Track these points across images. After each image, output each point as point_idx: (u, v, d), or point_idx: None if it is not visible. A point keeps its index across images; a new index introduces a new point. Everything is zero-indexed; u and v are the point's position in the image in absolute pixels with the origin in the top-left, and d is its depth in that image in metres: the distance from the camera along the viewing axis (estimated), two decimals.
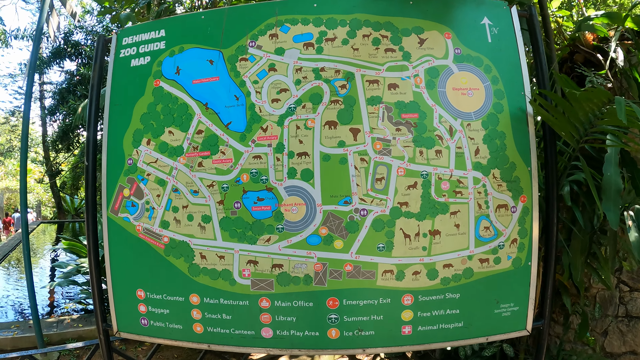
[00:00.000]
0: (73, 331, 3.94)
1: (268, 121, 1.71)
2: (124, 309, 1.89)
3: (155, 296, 1.80)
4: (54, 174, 15.67)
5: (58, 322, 4.19)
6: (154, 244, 1.79)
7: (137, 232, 1.82)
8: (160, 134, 1.79)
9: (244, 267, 1.71)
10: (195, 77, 1.78)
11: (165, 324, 1.82)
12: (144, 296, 1.83)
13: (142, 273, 1.83)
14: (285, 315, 1.72)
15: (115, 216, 1.86)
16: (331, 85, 1.71)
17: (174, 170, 1.77)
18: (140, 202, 1.81)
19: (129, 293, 1.85)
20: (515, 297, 1.79)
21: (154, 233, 1.78)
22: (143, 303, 1.83)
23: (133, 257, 1.84)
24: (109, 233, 1.86)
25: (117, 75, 1.89)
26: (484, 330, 1.78)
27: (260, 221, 1.69)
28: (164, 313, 1.81)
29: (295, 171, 1.67)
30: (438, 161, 1.70)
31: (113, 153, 1.86)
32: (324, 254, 1.68)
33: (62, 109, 12.12)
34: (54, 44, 12.80)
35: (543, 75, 1.94)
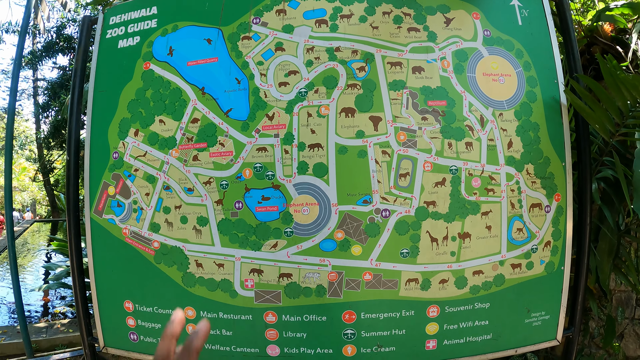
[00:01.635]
0: (63, 337, 3.52)
1: (275, 108, 1.35)
2: (111, 322, 1.52)
3: (145, 309, 1.44)
4: (47, 172, 14.68)
5: (48, 327, 3.78)
6: (143, 250, 1.42)
7: (124, 236, 1.44)
8: (150, 124, 1.42)
9: (246, 277, 1.35)
10: (190, 58, 1.43)
11: (157, 339, 1.44)
12: (132, 308, 1.46)
13: (130, 283, 1.46)
14: (294, 331, 1.38)
15: (99, 217, 1.49)
16: (348, 67, 1.38)
17: (165, 164, 1.40)
18: (127, 201, 1.44)
19: (116, 305, 1.48)
20: (547, 305, 1.52)
21: (143, 237, 1.41)
22: (132, 316, 1.47)
23: (120, 264, 1.47)
24: (93, 236, 1.49)
25: (103, 58, 1.52)
26: (513, 341, 1.49)
27: (265, 224, 1.33)
28: (155, 327, 1.45)
29: (306, 166, 1.32)
30: (468, 155, 1.39)
31: (97, 146, 1.49)
32: (339, 262, 1.34)
33: (54, 104, 11.23)
34: (45, 37, 11.79)
35: (575, 62, 1.64)
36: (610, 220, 1.90)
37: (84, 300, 1.55)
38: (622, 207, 1.98)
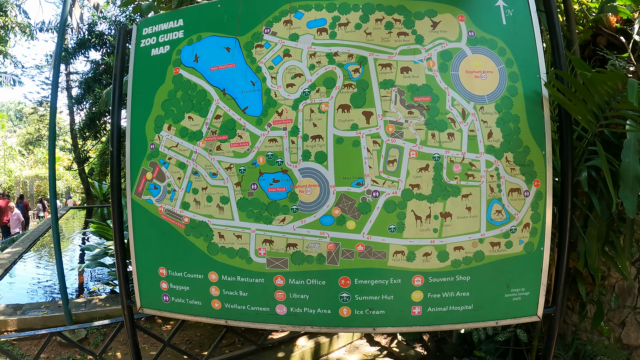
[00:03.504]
0: (100, 310, 4.19)
1: (283, 105, 1.81)
2: (147, 286, 2.05)
3: (176, 274, 1.96)
4: (82, 161, 17.00)
5: (86, 302, 4.46)
6: (175, 224, 1.94)
7: (160, 213, 1.97)
8: (181, 120, 1.93)
9: (260, 246, 1.83)
10: (213, 64, 1.90)
11: (186, 300, 1.98)
12: (166, 274, 1.99)
13: (164, 252, 1.99)
14: (299, 293, 1.84)
15: (138, 198, 2.02)
16: (344, 70, 1.79)
17: (193, 153, 1.91)
18: (162, 184, 1.96)
19: (152, 271, 2.02)
20: (527, 282, 1.84)
21: (175, 214, 1.93)
22: (165, 280, 1.99)
23: (156, 237, 2.00)
24: (133, 214, 2.03)
25: (139, 65, 2.04)
26: (494, 314, 1.84)
27: (275, 202, 1.81)
28: (184, 290, 1.97)
29: (309, 153, 1.78)
30: (450, 144, 1.77)
31: (136, 139, 2.02)
32: (336, 234, 1.78)
33: (89, 97, 13.16)
34: (78, 35, 13.70)
35: (560, 57, 1.94)
36: (597, 208, 2.24)
37: (124, 269, 2.09)
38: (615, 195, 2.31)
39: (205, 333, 3.94)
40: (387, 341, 3.96)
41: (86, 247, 5.53)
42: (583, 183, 2.13)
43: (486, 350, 2.87)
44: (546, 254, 1.84)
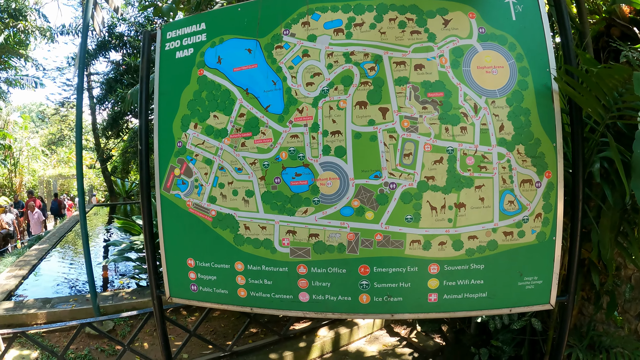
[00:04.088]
0: (127, 303, 4.49)
1: (303, 103, 1.98)
2: (176, 276, 2.24)
3: (204, 264, 2.15)
4: (105, 160, 17.99)
5: (113, 295, 4.78)
6: (203, 217, 2.13)
7: (188, 207, 2.16)
8: (206, 118, 2.12)
9: (283, 237, 2.01)
10: (235, 65, 2.08)
11: (213, 289, 2.16)
12: (194, 264, 2.18)
13: (192, 244, 2.17)
14: (320, 281, 2.01)
15: (167, 193, 2.21)
16: (361, 68, 1.95)
17: (219, 150, 2.09)
18: (190, 180, 2.15)
19: (180, 262, 2.21)
20: (539, 270, 1.96)
21: (203, 207, 2.12)
22: (193, 271, 2.18)
23: (184, 229, 2.19)
24: (162, 209, 2.22)
25: (164, 67, 2.22)
26: (507, 301, 1.97)
27: (298, 194, 1.98)
28: (211, 279, 2.15)
29: (329, 148, 1.94)
30: (463, 137, 1.91)
31: (164, 137, 2.21)
32: (356, 225, 1.95)
33: (111, 97, 13.92)
34: (99, 37, 14.53)
35: (569, 52, 2.05)
36: (609, 199, 2.36)
37: (153, 261, 2.28)
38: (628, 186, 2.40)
39: (229, 324, 4.22)
40: (406, 332, 4.15)
41: (112, 243, 5.93)
42: (595, 174, 2.22)
43: (503, 340, 3.02)
44: (558, 243, 1.95)
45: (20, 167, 22.62)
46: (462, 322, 3.78)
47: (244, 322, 3.63)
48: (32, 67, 19.23)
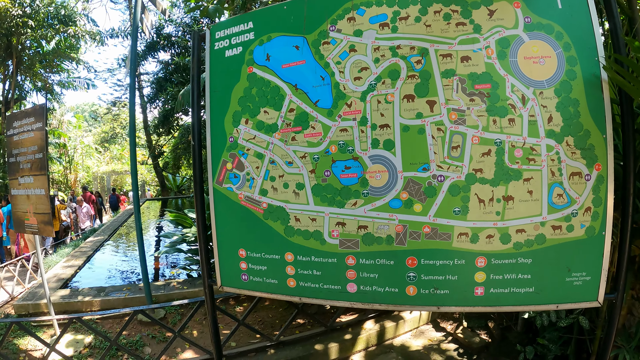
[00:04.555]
0: (178, 292, 4.86)
1: (352, 97, 2.08)
2: (227, 266, 2.40)
3: (255, 254, 2.29)
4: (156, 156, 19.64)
5: (165, 285, 5.16)
6: (254, 210, 2.27)
7: (240, 200, 2.31)
8: (257, 114, 2.25)
9: (333, 228, 2.12)
10: (284, 62, 2.20)
11: (263, 279, 2.30)
12: (245, 255, 2.32)
13: (244, 235, 2.32)
14: (368, 272, 2.11)
15: (220, 187, 2.37)
16: (407, 62, 2.03)
17: (270, 144, 2.23)
18: (242, 173, 2.30)
19: (232, 253, 2.36)
20: (588, 266, 1.96)
21: (254, 200, 2.26)
22: (244, 261, 2.33)
23: (236, 221, 2.34)
24: (215, 201, 2.38)
25: (214, 66, 2.37)
26: (554, 297, 2.00)
27: (347, 187, 2.09)
28: (262, 269, 2.30)
29: (378, 141, 2.04)
30: (511, 129, 1.95)
31: (216, 133, 2.36)
32: (404, 217, 2.04)
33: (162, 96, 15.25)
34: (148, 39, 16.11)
35: (618, 39, 2.02)
36: None
37: (206, 251, 2.44)
38: None
39: (277, 315, 4.46)
40: (452, 327, 4.24)
41: (164, 235, 6.48)
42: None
43: (549, 338, 3.05)
44: (607, 238, 1.95)
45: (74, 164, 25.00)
46: (509, 319, 3.83)
47: (291, 313, 3.84)
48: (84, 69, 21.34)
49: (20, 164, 3.96)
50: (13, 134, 4.06)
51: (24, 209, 4.05)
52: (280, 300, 2.68)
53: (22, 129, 3.92)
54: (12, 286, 6.12)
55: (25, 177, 3.91)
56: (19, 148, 3.98)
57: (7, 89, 17.04)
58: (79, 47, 17.73)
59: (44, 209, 3.78)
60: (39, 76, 18.19)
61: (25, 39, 15.81)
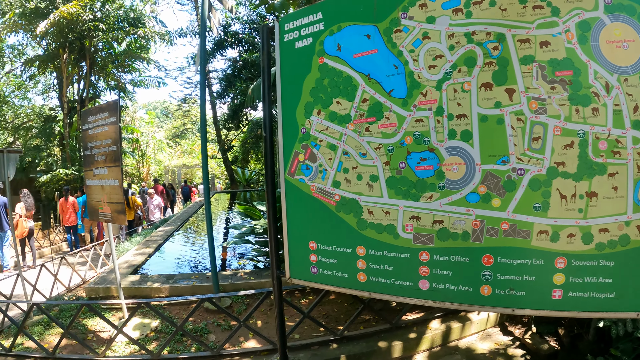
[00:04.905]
0: (245, 283, 6.23)
1: (427, 86, 2.75)
2: (297, 258, 3.24)
3: (326, 247, 3.09)
4: (226, 150, 26.31)
5: (232, 275, 6.63)
6: (326, 202, 3.07)
7: (311, 192, 3.13)
8: (329, 105, 3.03)
9: (407, 222, 2.84)
10: (355, 51, 2.94)
11: (333, 272, 3.10)
12: (316, 247, 3.14)
13: (315, 227, 3.14)
14: (442, 269, 2.78)
15: (291, 178, 3.20)
16: (483, 48, 2.51)
17: (343, 135, 3.00)
18: (314, 165, 3.11)
19: (302, 245, 3.19)
20: None
21: (327, 192, 3.06)
22: (314, 253, 3.15)
23: (307, 213, 3.16)
24: (286, 193, 3.22)
25: (284, 58, 3.19)
26: (635, 304, 2.33)
27: (423, 180, 2.78)
28: (332, 262, 3.09)
29: (455, 132, 2.68)
30: (595, 119, 2.34)
31: (288, 124, 3.19)
32: (481, 212, 2.60)
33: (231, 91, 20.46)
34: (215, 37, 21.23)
35: None
36: None
37: (276, 242, 3.28)
38: None
39: (342, 309, 5.54)
40: (520, 332, 4.96)
41: (233, 226, 8.21)
42: None
43: (623, 350, 3.56)
44: None
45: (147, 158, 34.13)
46: (581, 327, 4.38)
47: (356, 308, 4.81)
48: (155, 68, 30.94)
49: (95, 156, 5.39)
50: (88, 128, 5.52)
51: (98, 198, 5.51)
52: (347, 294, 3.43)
53: (96, 124, 5.32)
54: (85, 271, 9.01)
55: (100, 169, 5.30)
56: (94, 141, 5.41)
57: (82, 89, 23.85)
58: (149, 47, 24.22)
59: (117, 198, 5.13)
60: (111, 76, 25.13)
61: (97, 42, 21.92)
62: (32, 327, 6.16)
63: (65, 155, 23.65)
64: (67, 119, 23.24)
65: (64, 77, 22.99)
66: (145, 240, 10.90)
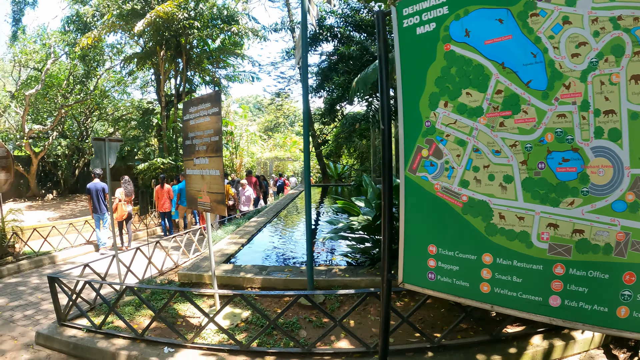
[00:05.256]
0: (339, 280, 6.45)
1: (570, 78, 2.58)
2: (413, 262, 3.15)
3: (447, 252, 2.99)
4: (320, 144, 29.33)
5: (326, 270, 6.88)
6: (452, 202, 2.95)
7: (435, 191, 3.02)
8: (458, 96, 2.91)
9: (543, 230, 2.68)
10: (486, 37, 2.80)
11: (453, 280, 2.98)
12: (435, 251, 3.03)
13: (436, 230, 3.03)
14: (577, 285, 2.61)
15: (413, 175, 3.11)
16: (632, 35, 2.35)
17: (474, 130, 2.87)
18: (440, 161, 3.00)
19: (420, 248, 3.10)
20: None
21: (453, 192, 2.95)
22: (433, 258, 3.05)
23: (428, 213, 3.06)
24: (406, 191, 3.14)
25: (404, 45, 3.10)
26: None
27: (564, 183, 2.62)
28: (452, 269, 2.98)
29: (602, 130, 2.51)
30: None
31: (409, 116, 3.10)
32: (628, 223, 2.45)
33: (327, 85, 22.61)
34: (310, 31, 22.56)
35: None
36: None
37: (389, 242, 3.21)
38: None
39: (438, 314, 5.56)
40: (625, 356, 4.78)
41: (329, 221, 8.57)
42: None
43: None
44: None
45: (240, 150, 38.61)
46: None
47: (453, 315, 4.93)
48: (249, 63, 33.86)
49: (196, 146, 5.75)
50: (189, 118, 5.91)
51: (197, 187, 5.88)
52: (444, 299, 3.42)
53: (198, 114, 5.69)
54: (178, 255, 10.11)
55: (201, 159, 5.62)
56: (195, 131, 5.77)
57: (178, 83, 27.07)
58: (242, 43, 27.32)
59: (217, 188, 5.47)
60: (207, 71, 28.55)
61: (192, 39, 25.05)
62: (123, 307, 6.69)
63: (162, 145, 26.95)
64: (165, 111, 26.30)
65: (162, 72, 26.01)
66: (238, 229, 11.97)
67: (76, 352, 5.69)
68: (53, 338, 5.98)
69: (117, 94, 36.49)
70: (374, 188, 7.40)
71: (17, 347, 6.11)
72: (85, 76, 32.05)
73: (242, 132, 40.04)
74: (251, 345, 5.09)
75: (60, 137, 33.10)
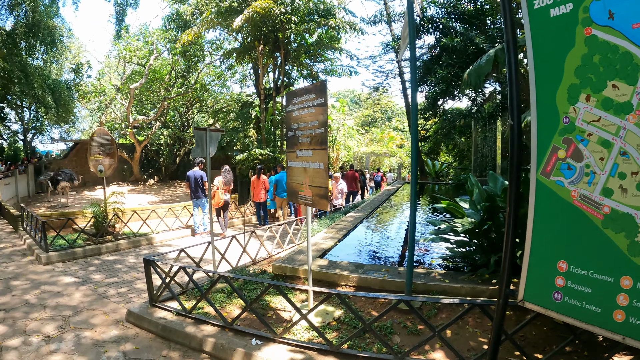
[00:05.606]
0: (439, 285, 6.07)
1: None
2: (538, 278, 2.82)
3: (580, 271, 2.63)
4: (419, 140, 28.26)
5: (425, 274, 6.57)
6: (591, 213, 2.59)
7: (572, 198, 2.66)
8: (602, 89, 2.53)
9: None
10: (634, 20, 2.40)
11: (582, 304, 2.62)
12: (566, 269, 2.68)
13: (570, 244, 2.68)
14: None
15: (546, 179, 2.77)
16: None
17: (621, 130, 2.48)
18: (579, 165, 2.64)
19: (548, 263, 2.76)
20: None
21: (592, 201, 2.58)
22: (562, 276, 2.70)
23: (562, 225, 2.71)
24: (537, 196, 2.80)
25: (537, 29, 2.76)
26: None
27: None
28: (584, 291, 2.62)
29: None
30: None
31: (544, 111, 2.76)
32: None
33: (430, 79, 22.05)
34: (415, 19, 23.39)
35: None
36: None
37: (512, 253, 2.90)
38: None
39: (540, 333, 5.13)
40: None
41: (431, 221, 8.49)
42: None
43: None
44: None
45: (337, 144, 38.36)
46: None
47: (557, 335, 4.56)
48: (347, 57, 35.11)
49: (299, 137, 5.68)
50: (292, 109, 5.85)
51: (299, 180, 5.83)
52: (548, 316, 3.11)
53: (302, 105, 5.61)
54: (272, 246, 10.18)
55: (304, 151, 5.56)
56: (298, 123, 5.69)
57: (276, 77, 27.96)
58: (340, 37, 27.27)
59: (320, 182, 5.35)
60: (304, 65, 29.51)
61: (289, 34, 25.88)
62: (214, 294, 6.78)
63: (260, 136, 27.93)
64: (263, 104, 27.24)
65: (260, 67, 26.98)
66: (334, 223, 11.83)
67: (164, 333, 5.85)
68: (143, 317, 6.22)
69: (217, 87, 40.02)
70: (480, 189, 6.92)
71: (107, 322, 6.41)
72: (186, 71, 34.76)
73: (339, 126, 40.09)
74: (342, 347, 4.93)
75: (163, 127, 36.88)
